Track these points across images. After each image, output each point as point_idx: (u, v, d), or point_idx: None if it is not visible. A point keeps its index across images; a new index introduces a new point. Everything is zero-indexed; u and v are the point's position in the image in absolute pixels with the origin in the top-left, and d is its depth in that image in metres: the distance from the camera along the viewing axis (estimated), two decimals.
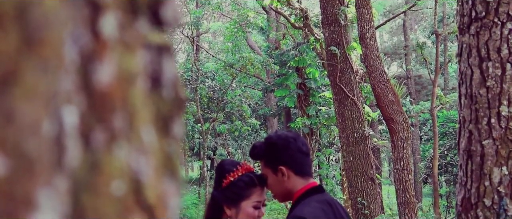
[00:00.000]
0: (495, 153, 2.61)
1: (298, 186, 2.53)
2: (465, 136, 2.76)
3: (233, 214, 2.55)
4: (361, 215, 10.32)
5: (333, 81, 10.78)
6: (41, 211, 0.31)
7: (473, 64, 2.73)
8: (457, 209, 2.82)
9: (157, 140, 0.39)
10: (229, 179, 2.55)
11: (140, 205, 0.37)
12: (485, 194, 2.64)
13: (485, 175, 2.64)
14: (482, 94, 2.67)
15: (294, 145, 2.52)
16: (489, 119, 2.64)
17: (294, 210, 2.44)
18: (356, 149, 10.44)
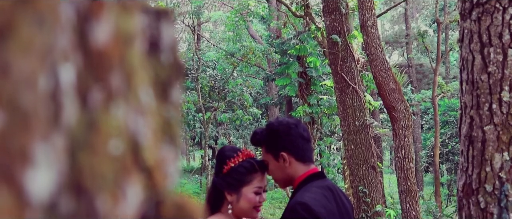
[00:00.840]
0: (496, 138, 2.61)
1: (299, 172, 2.53)
2: (466, 122, 2.75)
3: (234, 200, 2.55)
4: (362, 203, 10.33)
5: (334, 69, 10.75)
6: (38, 166, 0.31)
7: (475, 50, 2.72)
8: (458, 195, 2.82)
9: (155, 103, 0.39)
10: (230, 165, 2.55)
11: (138, 166, 0.37)
12: (486, 179, 2.64)
13: (486, 161, 2.64)
14: (484, 79, 2.67)
15: (295, 131, 2.52)
16: (491, 104, 2.64)
17: (295, 196, 2.45)
18: (357, 137, 10.43)
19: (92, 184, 0.34)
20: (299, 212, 2.30)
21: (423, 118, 23.55)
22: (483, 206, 2.64)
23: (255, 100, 23.87)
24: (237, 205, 2.55)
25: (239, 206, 2.55)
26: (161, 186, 0.39)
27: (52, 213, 0.32)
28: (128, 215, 0.36)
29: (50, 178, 0.32)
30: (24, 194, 0.30)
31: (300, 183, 2.51)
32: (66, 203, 0.33)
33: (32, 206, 0.31)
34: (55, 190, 0.32)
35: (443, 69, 27.60)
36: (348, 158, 10.64)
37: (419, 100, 21.60)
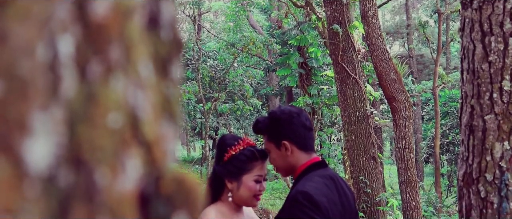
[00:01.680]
0: (497, 128, 2.61)
1: (301, 160, 2.53)
2: (467, 111, 2.75)
3: (235, 188, 2.56)
4: (363, 194, 10.34)
5: (335, 60, 10.74)
6: (36, 135, 0.31)
7: (476, 38, 2.71)
8: (458, 184, 2.82)
9: (155, 77, 0.39)
10: (230, 153, 2.56)
11: (137, 140, 0.37)
12: (487, 169, 2.64)
13: (487, 150, 2.63)
14: (484, 69, 2.66)
15: (297, 120, 2.52)
16: (491, 94, 2.63)
17: (296, 185, 2.45)
18: (358, 128, 10.43)
19: (91, 157, 0.34)
20: (300, 201, 2.30)
21: (424, 109, 23.55)
22: (483, 195, 2.64)
23: (256, 90, 23.86)
24: (237, 193, 2.55)
25: (239, 194, 2.55)
26: (160, 161, 0.38)
27: (51, 185, 0.32)
28: (127, 188, 0.36)
29: (49, 148, 0.31)
30: (22, 163, 0.30)
31: (302, 172, 2.51)
32: (65, 175, 0.33)
33: (31, 177, 0.31)
34: (54, 162, 0.32)
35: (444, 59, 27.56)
36: (349, 149, 10.65)
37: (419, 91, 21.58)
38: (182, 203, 0.39)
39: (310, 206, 2.29)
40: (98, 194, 0.34)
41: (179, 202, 0.39)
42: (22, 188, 0.30)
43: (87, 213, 0.34)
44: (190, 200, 0.39)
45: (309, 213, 2.28)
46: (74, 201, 0.33)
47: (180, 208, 0.39)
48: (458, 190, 2.85)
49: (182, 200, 0.39)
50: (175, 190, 0.38)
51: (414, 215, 8.81)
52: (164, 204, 0.38)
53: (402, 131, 8.87)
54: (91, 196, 0.34)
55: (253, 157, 2.55)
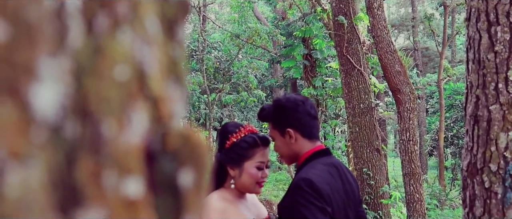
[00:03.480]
0: (502, 118, 2.60)
1: (305, 148, 2.53)
2: (472, 102, 2.75)
3: (237, 175, 2.57)
4: (366, 186, 10.35)
5: (340, 51, 10.73)
6: (42, 81, 0.31)
7: (482, 28, 2.71)
8: (463, 174, 2.81)
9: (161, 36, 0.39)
10: (232, 140, 2.56)
11: (143, 94, 0.37)
12: (491, 159, 2.63)
13: (491, 140, 2.63)
14: (490, 59, 2.66)
15: (302, 108, 2.52)
16: (497, 84, 2.63)
17: (300, 173, 2.45)
18: (362, 120, 10.43)
19: (97, 108, 0.34)
20: (303, 188, 2.30)
21: (428, 102, 23.52)
22: (487, 186, 2.64)
23: (260, 82, 23.85)
24: (240, 180, 2.56)
25: (241, 181, 2.56)
26: (166, 118, 0.38)
27: (57, 136, 0.32)
28: (133, 141, 0.36)
29: (55, 95, 0.31)
30: (29, 108, 0.30)
31: (306, 159, 2.52)
32: (72, 126, 0.33)
33: (37, 122, 0.31)
34: (61, 112, 0.32)
35: (449, 52, 27.50)
36: (353, 141, 10.65)
37: (424, 84, 21.55)
38: (188, 160, 0.39)
39: (313, 193, 2.29)
40: (104, 146, 0.34)
41: (185, 159, 0.39)
42: (29, 133, 0.30)
43: (93, 164, 0.34)
44: (197, 157, 0.39)
45: (311, 200, 2.28)
46: (80, 152, 0.33)
47: (186, 165, 0.39)
48: (462, 180, 2.85)
49: (188, 156, 0.39)
50: (181, 147, 0.38)
51: (418, 207, 8.81)
52: (170, 160, 0.38)
53: (406, 123, 8.87)
54: (97, 148, 0.34)
55: (254, 144, 2.56)
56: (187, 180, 0.39)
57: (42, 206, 0.30)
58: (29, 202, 0.30)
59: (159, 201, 0.37)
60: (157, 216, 0.37)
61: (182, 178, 0.39)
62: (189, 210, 0.39)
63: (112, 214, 0.34)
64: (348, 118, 10.71)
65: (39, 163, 0.30)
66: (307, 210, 2.28)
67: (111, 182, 0.34)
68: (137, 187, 0.36)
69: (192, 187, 0.39)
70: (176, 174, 0.38)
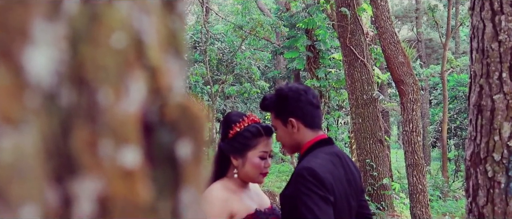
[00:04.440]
0: (506, 107, 2.59)
1: (307, 138, 2.53)
2: (476, 91, 2.73)
3: (240, 164, 2.56)
4: (369, 177, 10.35)
5: (343, 42, 10.71)
6: (36, 45, 0.30)
7: (486, 17, 2.69)
8: (466, 164, 2.81)
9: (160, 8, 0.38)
10: (235, 130, 2.56)
11: (141, 62, 0.36)
12: (495, 148, 2.62)
13: (495, 130, 2.62)
14: (494, 48, 2.64)
15: (304, 98, 2.51)
16: (501, 73, 2.61)
17: (302, 162, 2.45)
18: (365, 111, 10.43)
19: (93, 76, 0.33)
20: (305, 177, 2.30)
21: (432, 94, 23.47)
22: (490, 175, 2.63)
23: (263, 73, 23.83)
24: (243, 169, 2.56)
25: (244, 171, 2.56)
26: (165, 89, 0.38)
27: (52, 103, 0.31)
28: (130, 110, 0.35)
29: (49, 60, 0.31)
30: (23, 72, 0.30)
31: (308, 149, 2.51)
32: (67, 93, 0.32)
33: (31, 87, 0.30)
34: (56, 79, 0.32)
35: (452, 44, 27.44)
36: (356, 132, 10.65)
37: (428, 75, 21.51)
38: (187, 131, 0.38)
39: (315, 182, 2.29)
40: (100, 114, 0.34)
41: (184, 129, 0.38)
42: (22, 98, 0.30)
43: (89, 133, 0.33)
44: (195, 127, 0.38)
45: (313, 189, 2.28)
46: (76, 120, 0.33)
47: (184, 136, 0.38)
48: (465, 170, 2.84)
49: (186, 127, 0.38)
50: (180, 118, 0.38)
51: (421, 198, 8.81)
52: (168, 131, 0.37)
53: (410, 114, 8.85)
54: (93, 116, 0.33)
55: (257, 133, 2.55)
56: (185, 151, 0.38)
57: (36, 174, 0.30)
58: (22, 169, 0.29)
59: (157, 172, 0.37)
60: (154, 187, 0.36)
61: (180, 150, 0.38)
62: (187, 182, 0.38)
63: (108, 184, 0.34)
64: (351, 109, 10.71)
65: (33, 129, 0.30)
66: (309, 199, 2.27)
67: (107, 151, 0.34)
68: (134, 157, 0.35)
69: (190, 159, 0.38)
70: (174, 146, 0.38)
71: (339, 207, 2.40)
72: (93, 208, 0.33)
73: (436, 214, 11.18)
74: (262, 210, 2.59)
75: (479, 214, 2.68)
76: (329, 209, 2.30)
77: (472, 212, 2.75)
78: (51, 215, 0.31)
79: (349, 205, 2.49)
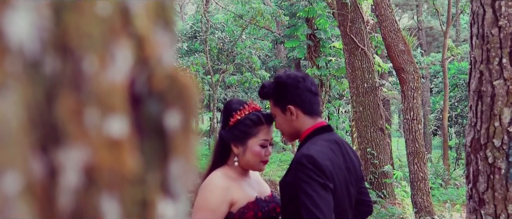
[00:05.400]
0: (506, 93, 2.59)
1: (306, 125, 2.52)
2: (476, 77, 2.73)
3: (240, 153, 2.56)
4: (370, 165, 10.36)
5: (344, 31, 10.69)
6: (17, 10, 0.30)
7: (486, 3, 2.68)
8: (466, 150, 2.80)
9: None
10: (236, 118, 2.55)
11: (127, 31, 0.35)
12: (495, 134, 2.62)
13: (495, 116, 2.62)
14: (494, 33, 2.63)
15: (303, 85, 2.50)
16: (501, 59, 2.60)
17: (301, 149, 2.44)
18: (365, 99, 10.42)
19: (78, 44, 0.33)
20: (305, 164, 2.29)
21: (433, 82, 23.43)
22: (491, 161, 2.63)
23: (264, 63, 23.80)
24: (243, 157, 2.55)
25: (245, 159, 2.55)
26: (152, 59, 0.37)
27: (36, 71, 0.31)
28: (116, 79, 0.35)
29: (31, 25, 0.30)
30: (3, 36, 0.29)
31: (307, 136, 2.51)
32: (51, 62, 0.32)
33: (13, 52, 0.30)
34: (39, 47, 0.31)
35: (453, 32, 27.37)
36: (356, 120, 10.65)
37: (428, 63, 21.48)
38: (175, 101, 0.38)
39: (314, 170, 2.28)
40: (85, 83, 0.33)
41: (172, 100, 0.37)
42: (3, 62, 0.29)
43: (74, 102, 0.33)
44: (184, 98, 0.38)
45: (313, 176, 2.27)
46: (60, 89, 0.32)
47: (173, 106, 0.37)
48: (465, 156, 2.84)
49: (175, 97, 0.38)
50: (168, 88, 0.37)
51: (422, 186, 8.82)
52: (156, 102, 0.37)
53: (410, 102, 8.85)
54: (78, 85, 0.33)
55: (258, 121, 2.55)
56: (174, 122, 0.38)
57: (19, 142, 0.29)
58: (4, 135, 0.29)
59: (145, 143, 0.36)
60: (143, 159, 0.36)
61: (168, 120, 0.37)
62: (176, 153, 0.38)
63: (95, 154, 0.33)
64: (352, 97, 10.71)
65: (15, 96, 0.29)
66: (309, 186, 2.27)
67: (93, 120, 0.33)
68: (121, 126, 0.35)
69: (179, 130, 0.38)
70: (163, 116, 0.37)
71: (338, 194, 2.40)
72: (79, 178, 0.33)
73: (437, 202, 11.19)
74: (262, 198, 2.59)
75: (479, 200, 2.69)
76: (328, 196, 2.30)
77: (472, 198, 2.75)
78: (36, 185, 0.31)
79: (348, 192, 2.49)
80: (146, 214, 0.36)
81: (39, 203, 0.31)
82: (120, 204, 0.34)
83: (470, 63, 2.79)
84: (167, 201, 0.37)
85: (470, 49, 2.82)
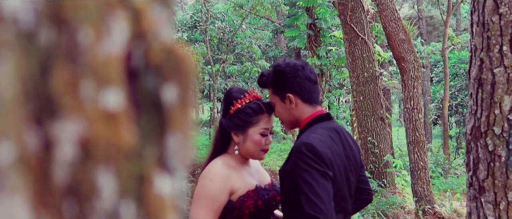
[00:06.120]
0: (506, 81, 2.58)
1: (305, 113, 2.52)
2: (476, 65, 2.72)
3: (241, 141, 2.56)
4: (371, 154, 10.36)
5: (344, 20, 10.67)
6: None
7: None
8: (466, 138, 2.80)
9: None
10: (236, 106, 2.55)
11: (123, 3, 0.35)
12: (495, 122, 2.62)
13: (495, 103, 2.61)
14: (495, 21, 2.62)
15: (302, 73, 2.50)
16: (501, 46, 2.60)
17: (301, 137, 2.44)
18: (366, 88, 10.41)
19: (73, 15, 0.32)
20: (304, 152, 2.29)
21: (433, 71, 23.42)
22: (491, 149, 2.63)
23: (264, 52, 23.79)
24: (244, 146, 2.56)
25: (245, 147, 2.56)
26: (149, 33, 0.37)
27: (30, 42, 0.31)
28: (112, 51, 0.34)
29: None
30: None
31: (306, 124, 2.50)
32: (46, 33, 0.31)
33: (6, 21, 0.29)
34: (33, 17, 0.31)
35: (453, 21, 27.33)
36: (357, 110, 10.65)
37: (429, 53, 21.45)
38: (172, 75, 0.37)
39: (314, 158, 2.28)
40: (81, 54, 0.33)
41: (169, 74, 0.37)
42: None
43: (69, 74, 0.32)
44: (181, 72, 0.37)
45: (312, 164, 2.27)
46: (56, 61, 0.32)
47: (170, 80, 0.37)
48: (466, 144, 2.84)
49: (172, 71, 0.37)
50: (165, 61, 0.37)
51: (422, 175, 8.83)
52: (153, 76, 0.37)
53: (411, 92, 8.84)
54: (74, 56, 0.32)
55: (259, 110, 2.55)
56: (171, 96, 0.37)
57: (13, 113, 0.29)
58: None
59: (142, 118, 0.36)
60: (140, 133, 0.36)
61: (166, 94, 0.37)
62: (174, 127, 0.37)
63: (90, 126, 0.33)
64: (352, 87, 10.70)
65: (9, 66, 0.29)
66: (308, 174, 2.27)
67: (88, 92, 0.33)
68: (117, 99, 0.34)
69: (176, 103, 0.37)
70: (160, 90, 0.37)
71: (338, 182, 2.40)
72: (75, 151, 0.32)
73: (438, 191, 11.20)
74: (262, 186, 2.60)
75: (479, 188, 2.69)
76: (328, 184, 2.30)
77: (472, 186, 2.75)
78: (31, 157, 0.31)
79: (348, 180, 2.49)
80: (143, 189, 0.36)
81: (34, 175, 0.30)
82: (117, 178, 0.34)
83: (471, 51, 2.78)
84: (165, 176, 0.37)
85: (470, 37, 2.81)
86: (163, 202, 0.36)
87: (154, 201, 0.36)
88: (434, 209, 8.78)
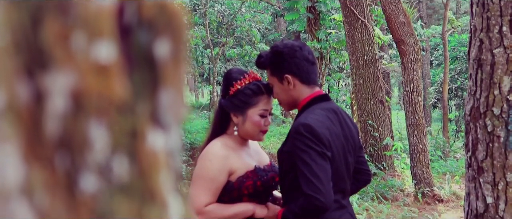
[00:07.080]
0: (506, 61, 2.58)
1: (304, 94, 2.52)
2: (476, 45, 2.72)
3: (240, 122, 2.57)
4: (370, 138, 10.37)
5: (344, 3, 10.63)
6: None
7: None
8: (466, 119, 2.80)
9: None
10: (236, 87, 2.55)
11: None
12: (494, 103, 2.62)
13: (495, 84, 2.61)
14: (495, 1, 2.62)
15: (300, 54, 2.50)
16: (501, 27, 2.59)
17: (299, 118, 2.45)
18: (365, 72, 10.40)
19: None
20: (302, 133, 2.30)
21: (433, 54, 23.37)
22: (490, 130, 2.63)
23: (264, 36, 23.73)
24: (243, 126, 2.56)
25: (244, 128, 2.56)
26: None
27: None
28: (104, 4, 0.34)
29: None
30: None
31: (305, 105, 2.51)
32: None
33: None
34: None
35: (454, 4, 27.24)
36: (356, 93, 10.64)
37: (429, 36, 21.40)
38: (165, 30, 0.37)
39: (312, 138, 2.29)
40: (72, 7, 0.32)
41: (162, 29, 0.37)
42: None
43: (61, 26, 0.32)
44: (174, 26, 0.37)
45: (311, 145, 2.28)
46: (46, 13, 0.32)
47: (163, 35, 0.37)
48: (465, 124, 2.84)
49: (164, 26, 0.37)
50: (157, 16, 0.37)
51: (421, 158, 8.84)
52: (146, 31, 0.36)
53: (410, 75, 8.83)
54: (65, 8, 0.32)
55: (258, 91, 2.55)
56: (164, 51, 0.37)
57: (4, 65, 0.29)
58: None
59: (135, 73, 0.36)
60: (132, 88, 0.35)
61: (158, 49, 0.37)
62: (166, 82, 0.37)
63: (82, 79, 0.33)
64: (352, 70, 10.68)
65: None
66: (307, 155, 2.28)
67: (80, 45, 0.33)
68: (109, 51, 0.34)
69: (169, 59, 0.37)
70: (152, 45, 0.37)
71: (336, 163, 2.40)
72: (66, 103, 0.32)
73: (437, 173, 11.22)
74: (261, 167, 2.60)
75: (478, 168, 2.69)
76: (326, 165, 2.31)
77: (471, 166, 2.75)
78: (22, 108, 0.30)
79: (346, 160, 2.50)
80: (136, 143, 0.36)
81: (25, 127, 0.30)
82: (109, 132, 0.34)
83: (470, 32, 2.78)
84: (157, 132, 0.37)
85: (470, 18, 2.80)
86: (156, 157, 0.36)
87: (147, 157, 0.36)
88: (433, 191, 8.80)
